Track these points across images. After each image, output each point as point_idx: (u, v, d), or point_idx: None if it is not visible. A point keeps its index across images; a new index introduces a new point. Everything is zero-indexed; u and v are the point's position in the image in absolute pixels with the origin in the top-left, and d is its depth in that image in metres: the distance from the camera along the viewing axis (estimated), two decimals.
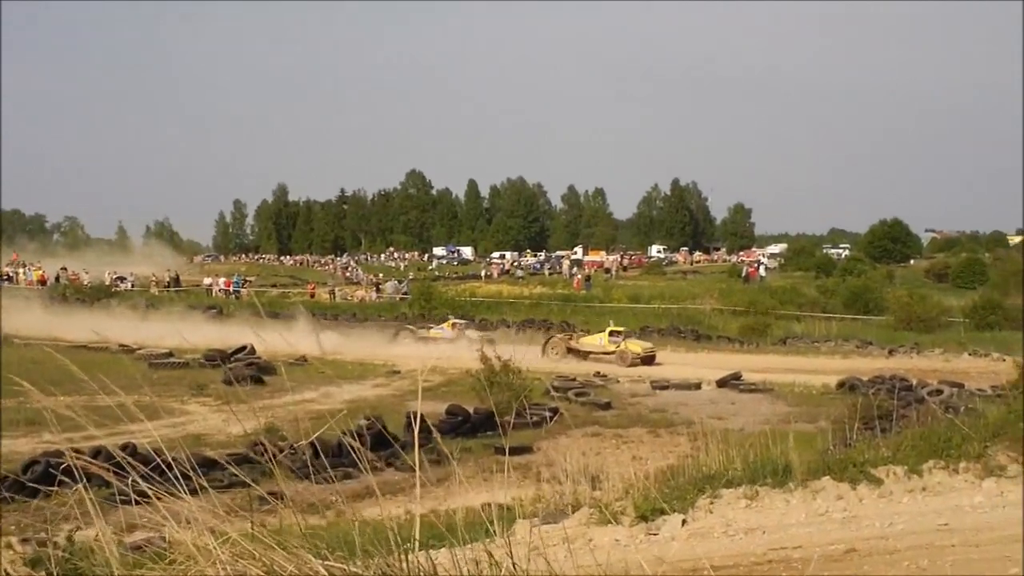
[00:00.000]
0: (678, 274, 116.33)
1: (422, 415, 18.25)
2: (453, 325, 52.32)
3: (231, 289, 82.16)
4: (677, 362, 44.90)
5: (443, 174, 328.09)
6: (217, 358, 37.54)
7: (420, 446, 5.07)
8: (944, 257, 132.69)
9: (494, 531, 4.98)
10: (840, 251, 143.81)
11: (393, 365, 41.16)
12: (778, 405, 32.64)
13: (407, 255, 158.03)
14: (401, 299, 75.39)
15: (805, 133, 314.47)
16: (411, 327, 54.39)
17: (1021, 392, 17.84)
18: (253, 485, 4.62)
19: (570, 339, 47.94)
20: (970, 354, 46.94)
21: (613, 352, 44.95)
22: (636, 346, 45.46)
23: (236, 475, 4.83)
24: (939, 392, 29.57)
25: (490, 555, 4.58)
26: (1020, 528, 10.42)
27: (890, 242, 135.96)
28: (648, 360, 44.25)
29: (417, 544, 4.47)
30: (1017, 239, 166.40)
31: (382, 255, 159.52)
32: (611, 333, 46.49)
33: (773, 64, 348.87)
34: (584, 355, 45.73)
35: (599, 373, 39.91)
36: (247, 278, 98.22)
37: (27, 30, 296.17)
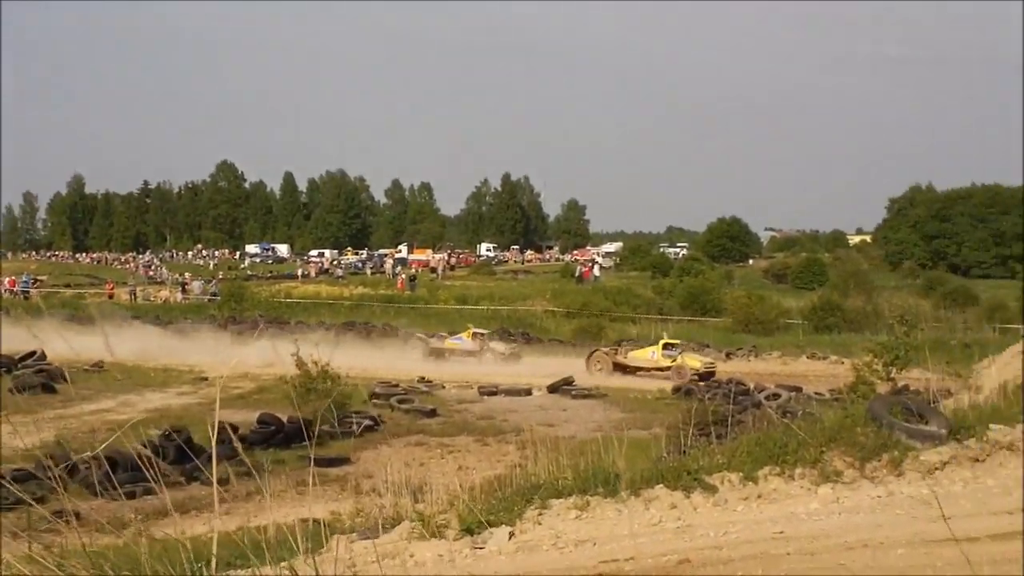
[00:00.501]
0: (508, 274, 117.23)
1: (232, 425, 17.92)
2: (473, 335, 49.75)
3: (16, 289, 79.25)
4: (507, 366, 45.17)
5: (257, 166, 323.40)
6: (2, 365, 36.23)
7: (229, 458, 4.98)
8: (783, 257, 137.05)
9: (299, 549, 4.92)
10: (678, 250, 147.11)
11: (201, 371, 40.37)
12: (611, 411, 33.19)
13: (217, 253, 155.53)
14: (209, 300, 74.12)
15: (643, 129, 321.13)
16: (422, 335, 51.18)
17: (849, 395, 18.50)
18: (33, 504, 4.47)
19: (616, 353, 46.00)
20: (808, 357, 48.55)
21: (668, 368, 42.86)
22: (695, 360, 43.52)
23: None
24: (776, 396, 30.46)
25: (294, 574, 4.52)
26: (857, 535, 10.82)
27: (729, 241, 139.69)
28: (708, 376, 41.29)
29: (215, 564, 4.38)
30: (857, 239, 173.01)
31: (189, 253, 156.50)
32: (665, 346, 44.55)
33: (612, 58, 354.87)
34: (633, 371, 43.76)
35: (423, 378, 39.89)
36: (37, 277, 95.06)
37: None
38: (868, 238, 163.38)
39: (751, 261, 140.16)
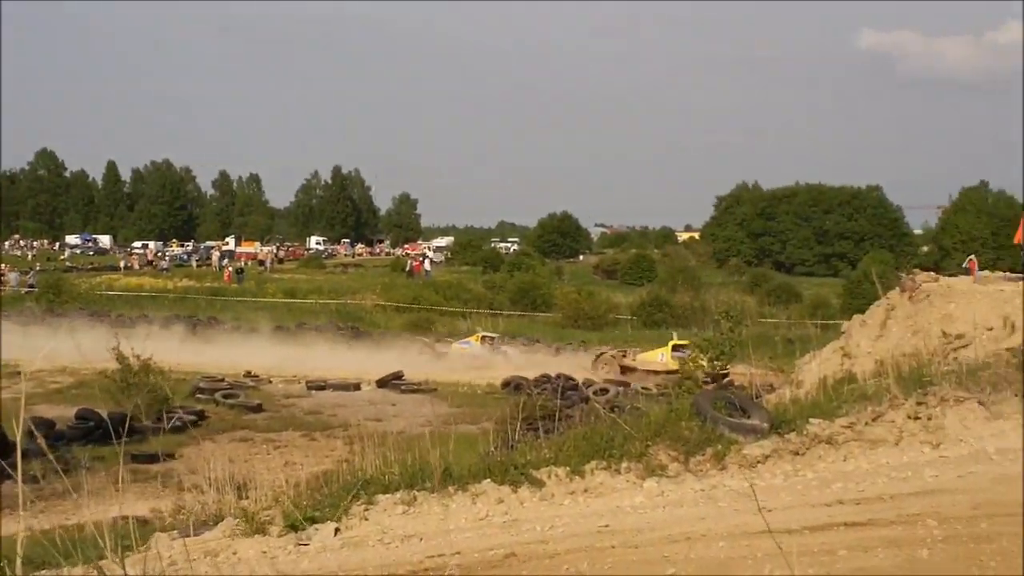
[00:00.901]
0: (338, 267, 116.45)
1: (48, 420, 17.39)
2: (482, 339, 48.48)
3: None
4: (335, 361, 44.81)
5: (79, 155, 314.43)
6: None
7: (44, 454, 4.85)
8: (613, 253, 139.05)
9: (108, 548, 4.81)
10: (509, 245, 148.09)
11: (16, 365, 39.07)
12: (441, 406, 33.27)
13: (35, 243, 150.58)
14: (27, 292, 71.73)
15: (476, 124, 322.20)
16: (426, 340, 49.69)
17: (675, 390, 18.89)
18: None
19: (624, 356, 44.98)
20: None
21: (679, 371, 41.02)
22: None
23: None
24: (605, 391, 31.00)
25: (102, 574, 4.43)
26: (680, 528, 11.07)
27: (559, 237, 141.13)
28: (720, 379, 39.93)
29: (19, 564, 4.27)
30: (685, 236, 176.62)
31: (7, 243, 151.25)
32: (675, 347, 42.78)
33: (444, 53, 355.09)
34: (643, 374, 41.80)
35: (249, 372, 39.39)
36: None
37: None
38: (696, 235, 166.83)
39: (581, 257, 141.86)
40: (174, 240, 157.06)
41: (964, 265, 24.74)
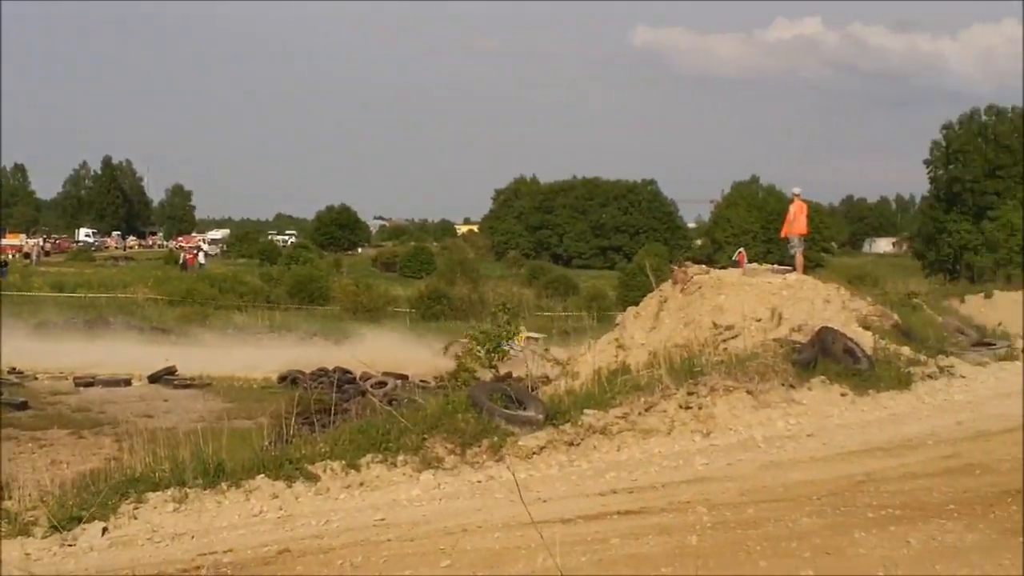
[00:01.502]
0: (109, 260, 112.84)
1: None
2: (527, 340, 44.39)
3: None
4: (110, 356, 43.39)
5: None
6: None
7: None
8: (392, 246, 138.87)
9: None
10: (286, 238, 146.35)
11: None
12: (215, 401, 32.65)
13: None
14: None
15: (253, 115, 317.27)
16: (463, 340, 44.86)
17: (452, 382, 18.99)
18: None
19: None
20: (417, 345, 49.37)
21: None
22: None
23: None
24: (383, 384, 30.90)
25: None
26: (457, 520, 11.14)
27: (338, 229, 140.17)
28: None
29: None
30: (464, 229, 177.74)
31: None
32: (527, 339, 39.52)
33: (221, 44, 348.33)
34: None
35: (15, 369, 37.84)
36: None
37: None
38: (475, 228, 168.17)
39: (360, 250, 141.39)
40: None
41: (734, 258, 25.62)
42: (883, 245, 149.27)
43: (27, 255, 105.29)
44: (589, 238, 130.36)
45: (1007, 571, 9.00)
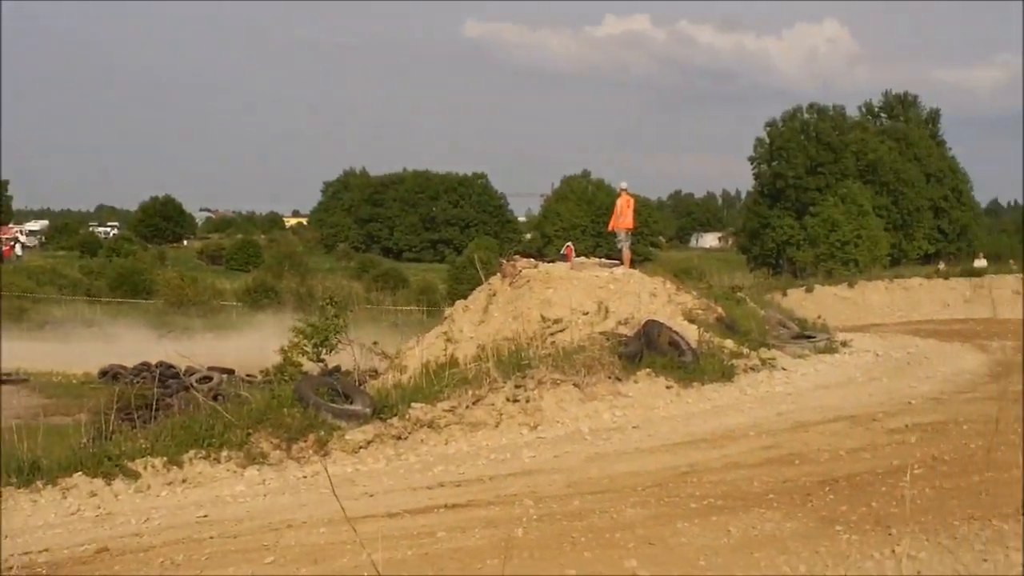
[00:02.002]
0: None
1: None
2: None
3: None
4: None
5: None
6: None
7: None
8: (219, 238, 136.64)
9: None
10: (108, 229, 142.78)
11: None
12: (33, 397, 31.72)
13: None
14: None
15: (74, 104, 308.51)
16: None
17: (278, 377, 18.80)
18: None
19: None
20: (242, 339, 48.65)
21: None
22: None
23: None
24: (208, 379, 30.36)
25: None
26: (282, 516, 11.03)
27: (162, 221, 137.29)
28: None
29: None
30: (293, 221, 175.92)
31: None
32: None
33: (38, 33, 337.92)
34: None
35: None
36: None
37: None
38: (304, 221, 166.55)
39: (185, 242, 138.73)
40: None
41: (562, 252, 25.85)
42: (709, 240, 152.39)
43: None
44: (419, 231, 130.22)
45: (823, 559, 9.27)
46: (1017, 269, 46.73)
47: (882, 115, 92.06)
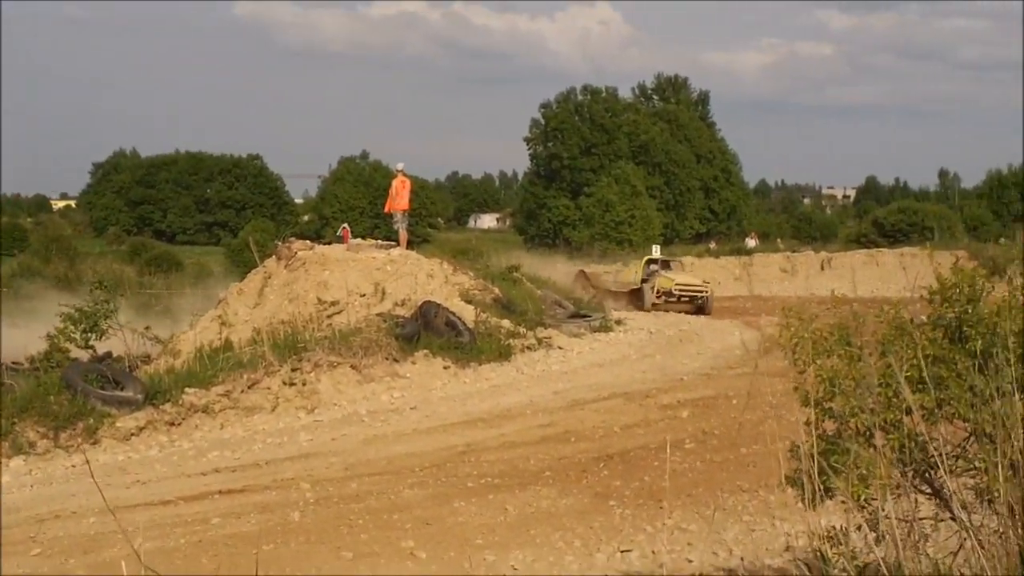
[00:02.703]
0: None
1: None
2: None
3: None
4: None
5: None
6: None
7: None
8: None
9: None
10: None
11: None
12: None
13: None
14: None
15: None
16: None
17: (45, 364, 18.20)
18: None
19: (597, 276, 35.83)
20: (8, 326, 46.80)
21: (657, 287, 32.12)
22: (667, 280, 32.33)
23: None
24: None
25: None
26: (50, 506, 10.68)
27: None
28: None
29: None
30: (61, 204, 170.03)
31: None
32: (649, 262, 34.23)
33: None
34: (614, 294, 32.38)
35: None
36: None
37: None
38: (73, 203, 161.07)
39: None
40: None
41: (338, 233, 25.71)
42: (488, 220, 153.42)
43: None
44: (193, 213, 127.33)
45: (597, 533, 9.49)
46: (784, 248, 48.72)
47: (654, 97, 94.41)
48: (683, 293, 31.15)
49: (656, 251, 37.36)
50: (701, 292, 31.42)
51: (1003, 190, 71.56)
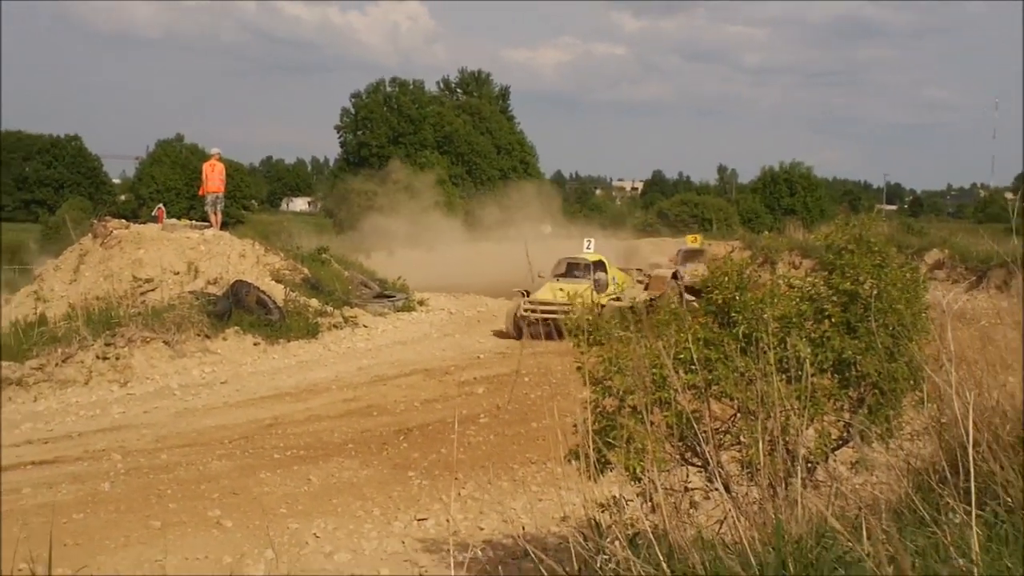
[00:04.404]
0: None
1: None
2: None
3: None
4: None
5: None
6: None
7: None
8: None
9: None
10: None
11: None
12: None
13: None
14: None
15: None
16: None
17: None
18: None
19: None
20: None
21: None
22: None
23: None
24: None
25: None
26: None
27: None
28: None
29: None
30: None
31: None
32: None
33: None
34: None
35: None
36: None
37: None
38: None
39: None
40: None
41: (153, 213, 25.07)
42: (300, 204, 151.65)
43: None
44: (12, 191, 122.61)
45: (395, 502, 9.48)
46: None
47: (458, 91, 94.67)
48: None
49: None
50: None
51: (775, 186, 73.76)
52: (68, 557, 7.87)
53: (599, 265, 22.67)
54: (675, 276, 24.75)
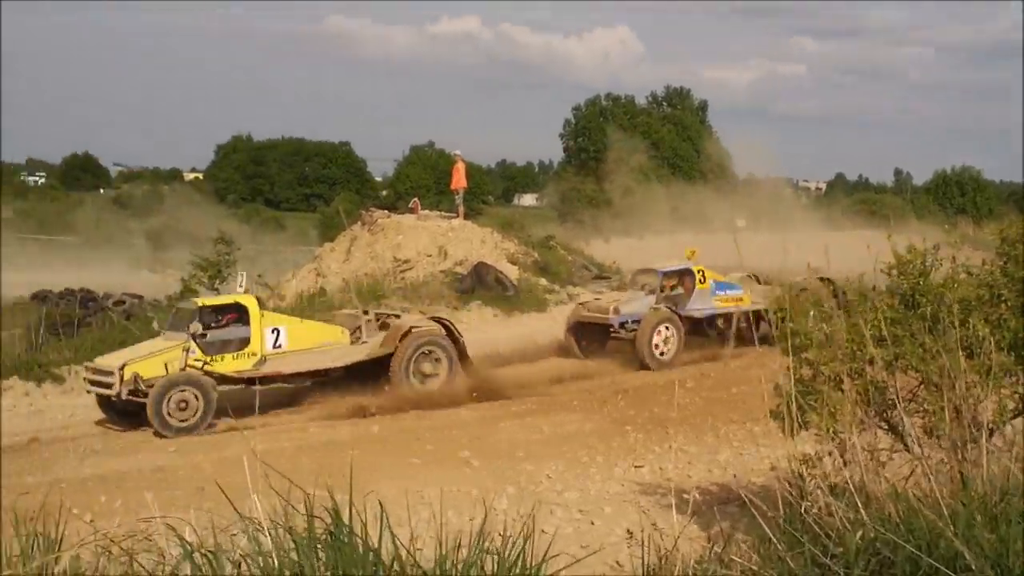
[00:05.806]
0: None
1: None
2: None
3: None
4: None
5: None
6: None
7: None
8: (128, 188, 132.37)
9: None
10: (37, 179, 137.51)
11: None
12: None
13: None
14: None
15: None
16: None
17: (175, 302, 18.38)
18: None
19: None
20: (150, 271, 47.06)
21: None
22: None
23: None
24: (121, 303, 29.39)
25: None
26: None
27: (82, 172, 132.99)
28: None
29: None
30: (191, 176, 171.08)
31: None
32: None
33: None
34: None
35: None
36: None
37: None
38: (200, 176, 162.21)
39: (102, 191, 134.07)
40: None
41: (410, 206, 25.72)
42: (529, 199, 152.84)
43: None
44: (295, 187, 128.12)
45: (615, 451, 9.51)
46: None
47: (663, 104, 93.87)
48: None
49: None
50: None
51: (947, 187, 70.46)
52: (343, 486, 8.19)
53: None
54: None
